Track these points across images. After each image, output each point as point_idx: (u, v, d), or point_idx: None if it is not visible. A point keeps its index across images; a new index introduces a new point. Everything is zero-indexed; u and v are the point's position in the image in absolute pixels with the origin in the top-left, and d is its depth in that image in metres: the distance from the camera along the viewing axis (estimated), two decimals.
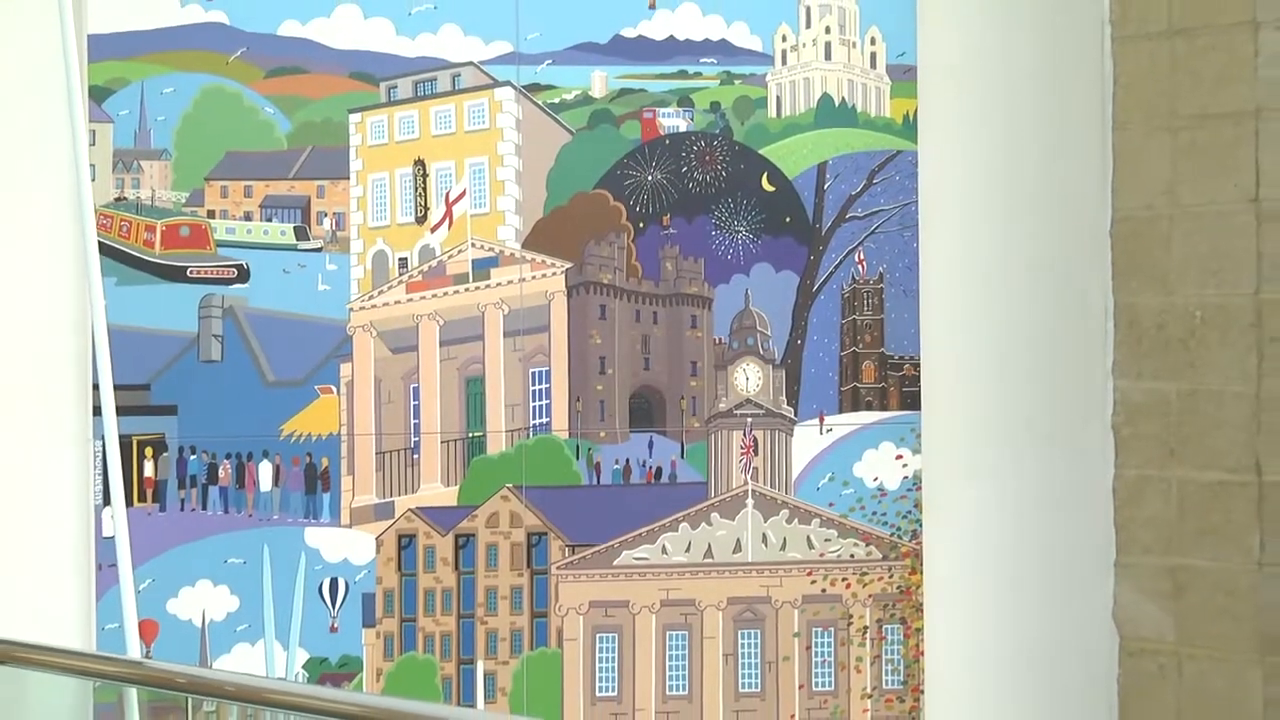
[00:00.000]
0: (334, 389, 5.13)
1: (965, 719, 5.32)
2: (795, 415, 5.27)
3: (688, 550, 5.22)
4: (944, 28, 5.30)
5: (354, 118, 5.13)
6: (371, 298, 5.15)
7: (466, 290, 5.19)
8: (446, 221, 5.17)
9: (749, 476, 5.26)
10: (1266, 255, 4.76)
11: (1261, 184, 4.78)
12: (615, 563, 5.21)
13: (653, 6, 5.20)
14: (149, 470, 5.08)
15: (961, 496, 5.29)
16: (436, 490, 5.17)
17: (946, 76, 5.29)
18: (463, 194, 5.16)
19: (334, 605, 5.14)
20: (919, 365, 5.29)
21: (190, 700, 4.61)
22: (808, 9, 5.27)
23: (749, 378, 5.27)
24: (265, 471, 5.13)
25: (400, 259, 5.17)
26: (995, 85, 5.29)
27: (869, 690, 5.30)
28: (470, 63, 5.14)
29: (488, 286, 5.19)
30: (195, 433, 5.09)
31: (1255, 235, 4.80)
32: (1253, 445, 4.80)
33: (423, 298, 5.18)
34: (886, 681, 5.32)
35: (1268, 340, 4.80)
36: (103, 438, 4.72)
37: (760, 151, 5.24)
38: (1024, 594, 5.32)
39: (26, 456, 5.00)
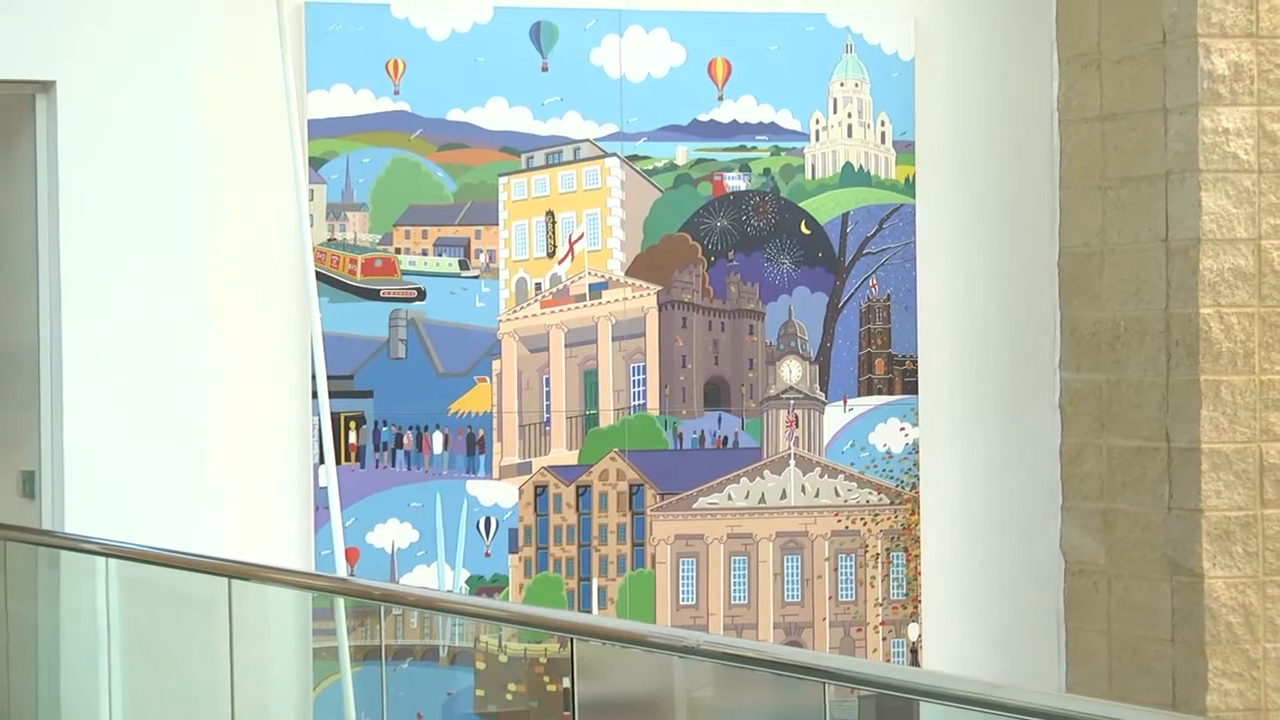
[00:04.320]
0: (488, 379, 5.46)
1: (950, 622, 5.71)
2: (826, 398, 5.66)
3: (746, 497, 5.60)
4: (935, 114, 5.72)
5: (502, 180, 5.45)
6: (515, 312, 5.49)
7: (585, 306, 5.52)
8: (570, 256, 5.50)
9: (792, 443, 5.62)
10: (1173, 281, 5.28)
11: (1170, 228, 5.30)
12: (694, 507, 5.56)
13: (721, 98, 5.55)
14: (353, 438, 5.35)
15: (948, 458, 5.72)
16: (563, 453, 5.50)
17: (937, 150, 5.71)
18: (581, 236, 5.50)
19: (488, 537, 5.44)
20: (917, 361, 5.71)
21: (383, 607, 5.06)
22: (835, 100, 5.64)
23: (792, 371, 5.63)
24: (437, 439, 5.41)
25: (536, 284, 5.50)
26: (972, 156, 5.74)
27: (880, 600, 5.70)
28: (587, 140, 5.49)
29: (600, 304, 5.52)
30: (386, 410, 5.39)
31: (1165, 266, 5.33)
32: (1163, 421, 5.29)
33: (552, 312, 5.50)
34: (893, 594, 5.69)
35: (1173, 344, 5.30)
36: (319, 414, 5.15)
37: (800, 204, 5.64)
38: (994, 530, 5.76)
39: (262, 430, 5.33)
